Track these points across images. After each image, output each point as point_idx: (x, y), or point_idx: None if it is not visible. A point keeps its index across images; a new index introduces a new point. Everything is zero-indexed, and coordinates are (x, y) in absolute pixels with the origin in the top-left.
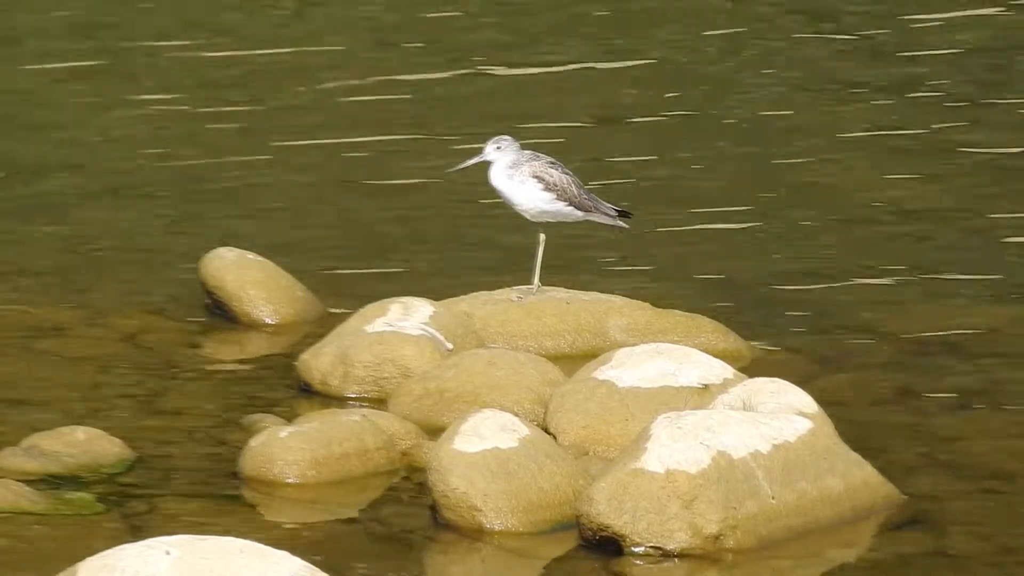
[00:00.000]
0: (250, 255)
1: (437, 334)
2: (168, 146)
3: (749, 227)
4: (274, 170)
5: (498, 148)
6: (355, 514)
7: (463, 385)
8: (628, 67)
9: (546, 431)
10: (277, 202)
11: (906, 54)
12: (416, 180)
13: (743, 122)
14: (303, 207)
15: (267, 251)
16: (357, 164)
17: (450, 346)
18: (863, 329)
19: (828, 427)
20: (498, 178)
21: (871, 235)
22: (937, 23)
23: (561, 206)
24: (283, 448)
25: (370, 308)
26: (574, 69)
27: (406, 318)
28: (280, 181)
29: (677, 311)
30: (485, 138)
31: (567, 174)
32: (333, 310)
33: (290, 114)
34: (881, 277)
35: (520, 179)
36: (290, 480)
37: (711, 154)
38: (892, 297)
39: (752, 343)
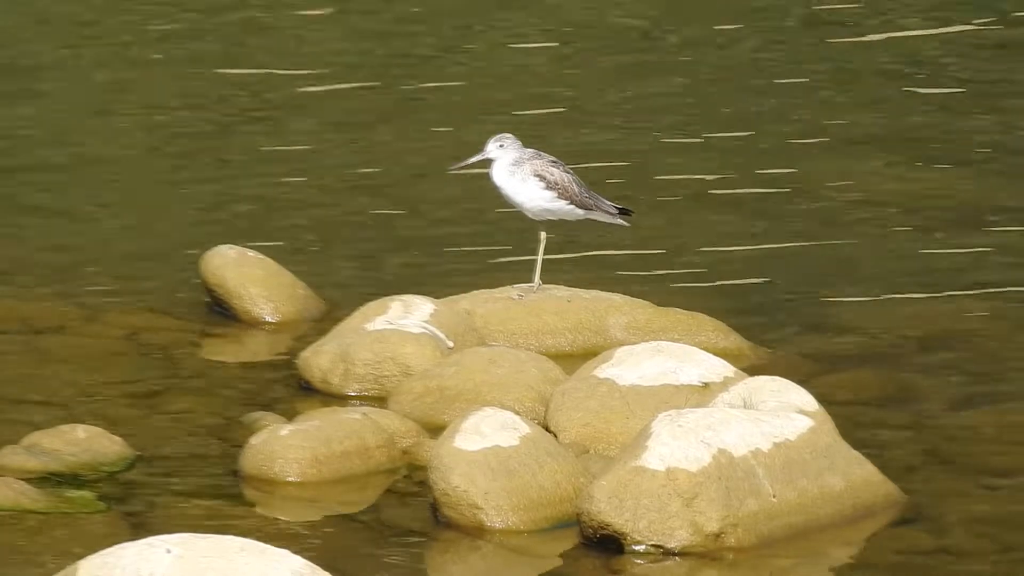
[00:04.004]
0: (251, 253)
1: (438, 332)
2: (169, 144)
3: (750, 226)
4: (274, 168)
5: (500, 146)
6: (356, 512)
7: (464, 383)
8: (629, 66)
9: (547, 429)
10: (278, 200)
11: (916, 56)
12: (417, 178)
13: (745, 121)
14: (304, 205)
15: (268, 249)
16: (357, 162)
17: (451, 344)
18: (864, 328)
19: (829, 425)
20: (500, 176)
21: (872, 234)
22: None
23: (562, 204)
24: (284, 446)
25: (371, 306)
26: (575, 66)
27: (407, 316)
28: (280, 179)
29: (678, 309)
30: (486, 136)
31: (568, 172)
32: (334, 308)
33: (290, 113)
34: (882, 276)
35: (521, 177)
36: (291, 478)
37: (712, 153)
38: (893, 296)
39: (753, 342)
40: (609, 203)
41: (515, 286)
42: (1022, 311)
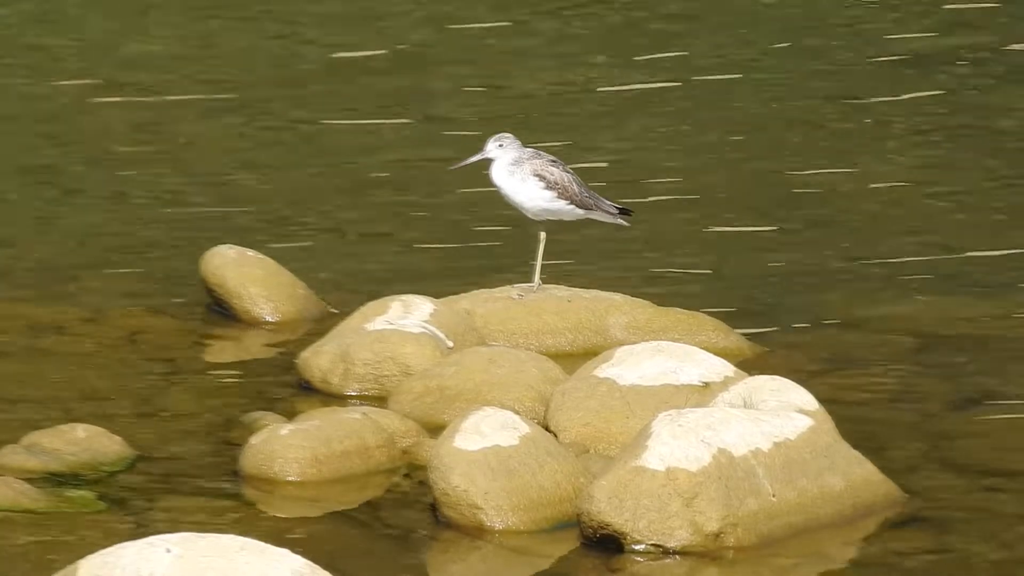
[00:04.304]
0: (250, 252)
1: (438, 332)
2: (169, 143)
3: (750, 225)
4: (274, 168)
5: (500, 146)
6: (356, 512)
7: (464, 383)
8: (630, 66)
9: (547, 429)
10: (277, 200)
11: (914, 53)
12: (417, 178)
13: (745, 121)
14: (303, 205)
15: (267, 249)
16: (357, 161)
17: (451, 344)
18: (864, 327)
19: (829, 424)
20: (499, 176)
21: (872, 233)
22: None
23: (562, 204)
24: (284, 446)
25: (371, 306)
26: (575, 66)
27: (407, 316)
28: (280, 179)
29: (678, 309)
30: (489, 135)
31: (568, 172)
32: (333, 308)
33: (290, 112)
34: (882, 275)
35: (521, 177)
36: (291, 478)
37: (712, 152)
38: (893, 295)
39: (753, 341)
40: (609, 203)
41: (515, 286)
42: (1022, 311)
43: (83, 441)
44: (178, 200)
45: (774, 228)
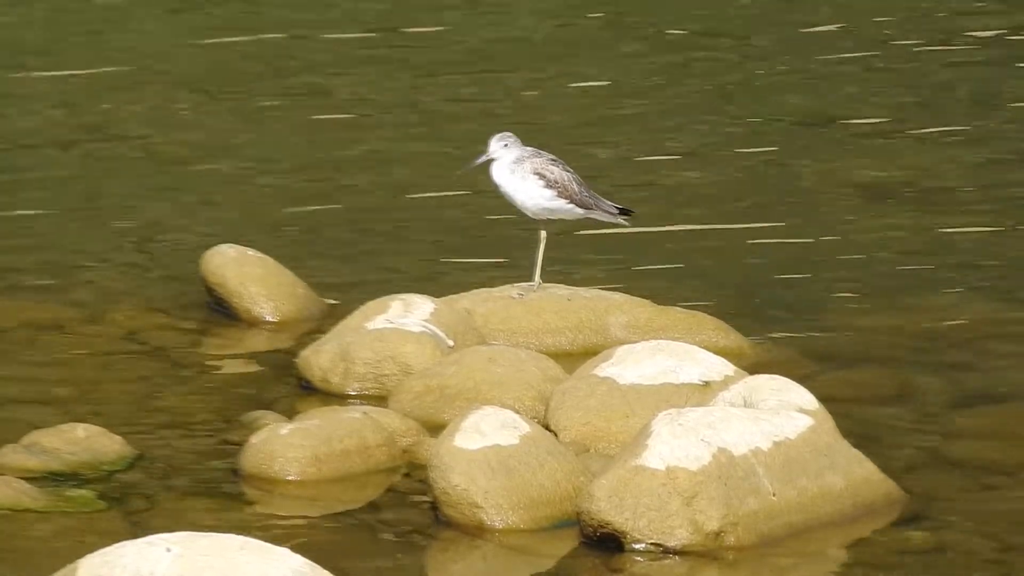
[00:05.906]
0: (251, 252)
1: (438, 331)
2: (169, 142)
3: (750, 224)
4: (275, 167)
5: (505, 146)
6: (356, 511)
7: (464, 382)
8: (629, 66)
9: (547, 428)
10: (278, 199)
11: (916, 46)
12: (417, 177)
13: (745, 120)
14: (304, 204)
15: (268, 248)
16: (358, 161)
17: (451, 343)
18: (864, 326)
19: (829, 424)
20: (500, 174)
21: (872, 233)
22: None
23: (562, 203)
24: (284, 445)
25: (371, 305)
26: (576, 67)
27: (407, 315)
28: (281, 178)
29: (678, 308)
30: (487, 135)
31: (568, 171)
32: (334, 307)
33: (291, 111)
34: (883, 274)
35: (521, 175)
36: (291, 477)
37: (713, 152)
38: (893, 294)
39: (753, 340)
40: (609, 203)
41: (515, 285)
42: (1023, 310)
43: (83, 441)
44: (178, 200)
45: (775, 228)
